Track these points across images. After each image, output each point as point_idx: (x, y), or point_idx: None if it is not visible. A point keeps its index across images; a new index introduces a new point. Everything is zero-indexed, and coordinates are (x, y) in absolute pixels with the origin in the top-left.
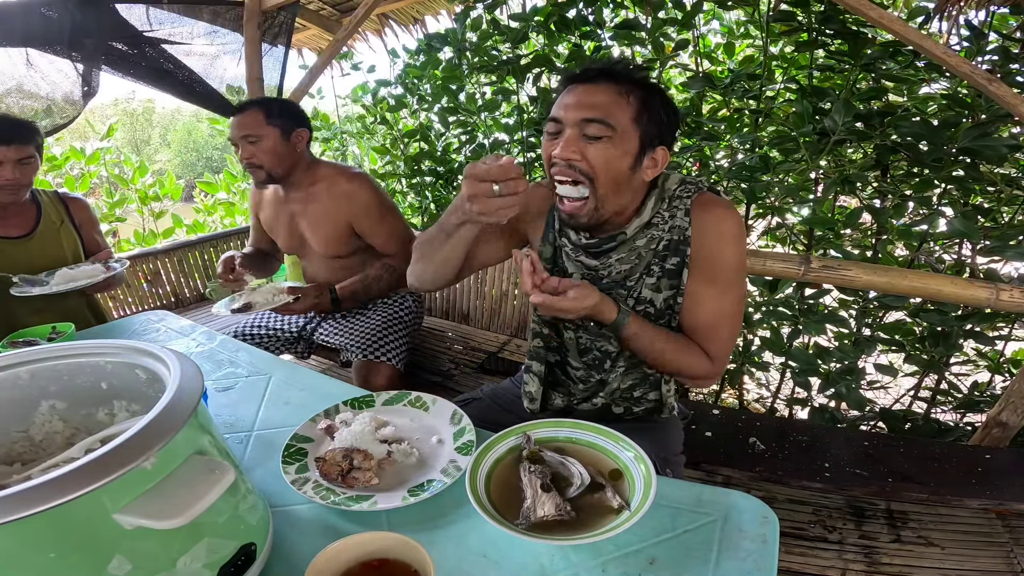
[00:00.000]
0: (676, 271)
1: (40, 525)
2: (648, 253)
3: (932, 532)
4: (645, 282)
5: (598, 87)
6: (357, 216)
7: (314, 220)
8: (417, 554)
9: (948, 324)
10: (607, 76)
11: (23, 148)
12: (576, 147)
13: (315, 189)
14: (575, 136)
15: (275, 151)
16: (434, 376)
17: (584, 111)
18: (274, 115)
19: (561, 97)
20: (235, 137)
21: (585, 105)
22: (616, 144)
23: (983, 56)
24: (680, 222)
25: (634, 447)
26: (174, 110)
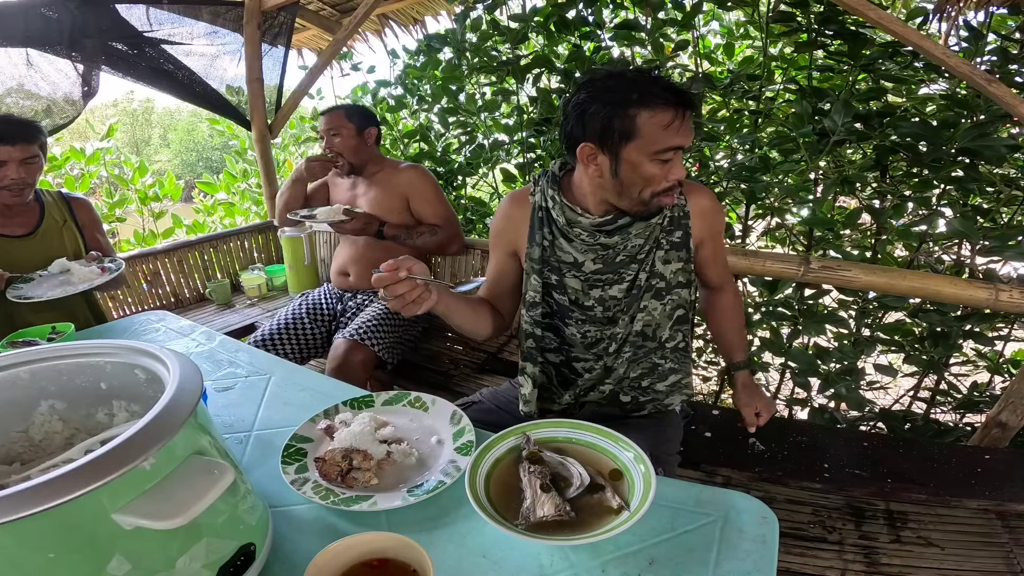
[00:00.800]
0: (681, 243)
1: (39, 525)
2: (656, 228)
3: (932, 532)
4: (656, 255)
5: (689, 112)
6: (414, 193)
7: (374, 198)
8: (416, 554)
9: (947, 324)
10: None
11: (27, 148)
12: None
13: (378, 177)
14: (681, 157)
15: (350, 144)
16: (434, 376)
17: (691, 137)
18: (352, 115)
19: (676, 123)
20: (322, 131)
21: (689, 132)
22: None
23: (982, 57)
24: (678, 200)
25: (634, 447)
26: (174, 110)
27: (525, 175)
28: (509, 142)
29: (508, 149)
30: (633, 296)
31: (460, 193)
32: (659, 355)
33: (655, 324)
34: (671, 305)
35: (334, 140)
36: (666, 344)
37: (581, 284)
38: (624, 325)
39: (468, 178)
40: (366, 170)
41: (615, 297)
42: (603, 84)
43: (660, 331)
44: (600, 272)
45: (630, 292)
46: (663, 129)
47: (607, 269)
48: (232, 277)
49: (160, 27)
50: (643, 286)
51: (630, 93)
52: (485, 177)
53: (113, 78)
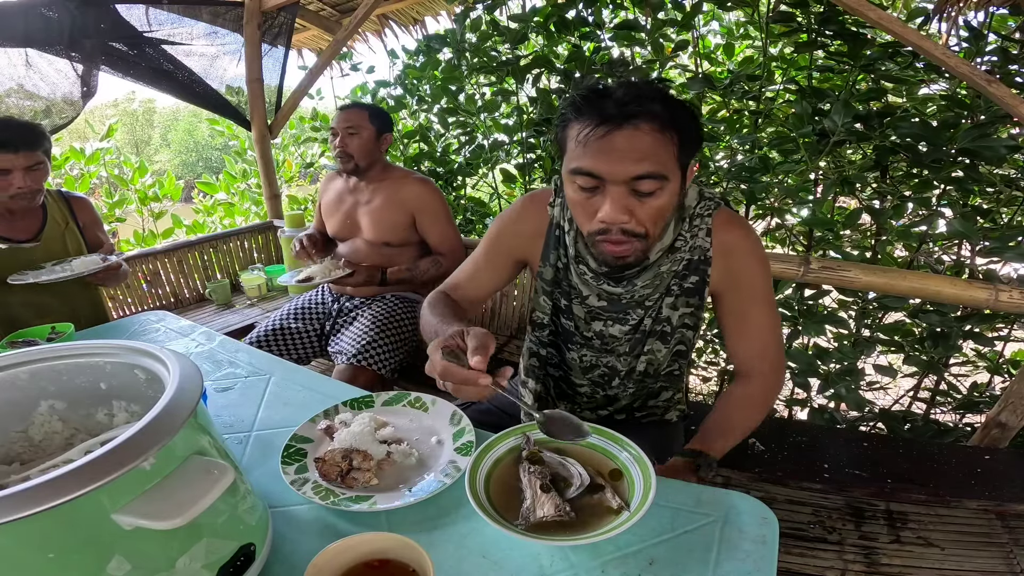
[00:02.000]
0: (695, 289)
1: (39, 525)
2: (670, 275)
3: (932, 533)
4: (665, 301)
5: (640, 130)
6: (421, 210)
7: (376, 209)
8: (416, 555)
9: (947, 325)
10: (646, 113)
11: (31, 155)
12: (626, 208)
13: (384, 184)
14: (623, 195)
15: (366, 146)
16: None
17: (633, 166)
18: (375, 116)
19: (590, 140)
20: (339, 127)
21: (632, 158)
22: (667, 192)
23: (982, 57)
24: (701, 242)
25: (634, 447)
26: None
27: (525, 175)
28: (509, 142)
29: (508, 149)
30: (636, 340)
31: (460, 193)
32: (653, 380)
33: (657, 363)
34: (674, 343)
35: (351, 138)
36: (661, 373)
37: (584, 314)
38: (627, 363)
39: (468, 178)
40: (370, 174)
41: (615, 336)
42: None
43: (662, 367)
44: (604, 309)
45: (632, 335)
46: (575, 143)
47: (611, 308)
48: (232, 277)
49: (160, 27)
50: (648, 331)
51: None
52: (485, 177)
53: (113, 78)
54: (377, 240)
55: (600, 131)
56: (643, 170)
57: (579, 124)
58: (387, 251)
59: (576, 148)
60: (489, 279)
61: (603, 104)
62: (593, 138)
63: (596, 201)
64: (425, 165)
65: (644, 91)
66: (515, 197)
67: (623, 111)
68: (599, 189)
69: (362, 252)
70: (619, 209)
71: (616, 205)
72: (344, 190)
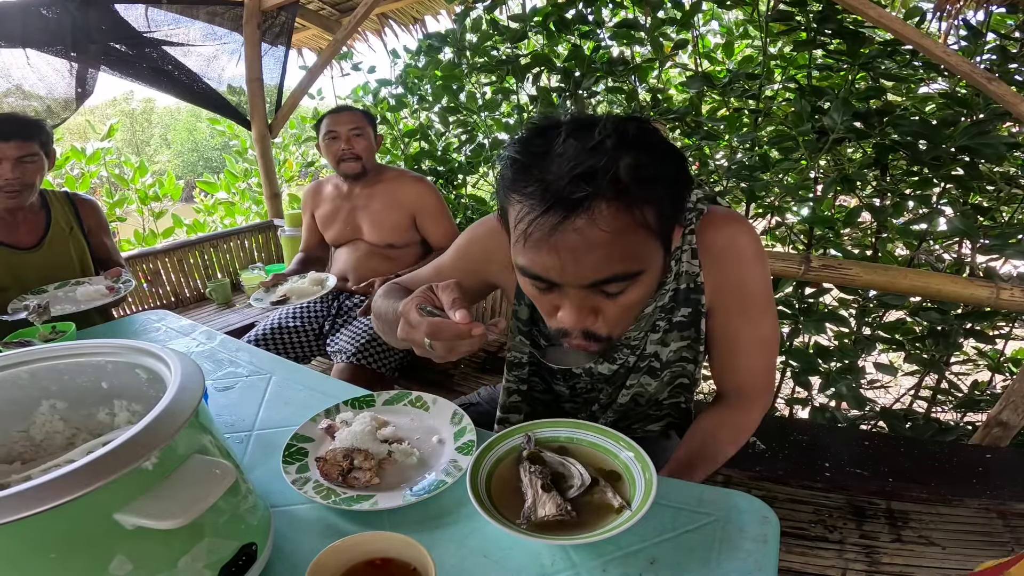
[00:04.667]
0: (688, 322)
1: (41, 525)
2: (654, 312)
3: (933, 532)
4: (650, 338)
5: (597, 219)
6: (421, 210)
7: (377, 211)
8: (418, 554)
9: (948, 323)
10: (604, 192)
11: (24, 145)
12: (589, 311)
13: (380, 187)
14: (583, 297)
15: (371, 146)
16: (434, 375)
17: (590, 271)
18: (367, 117)
19: (531, 235)
20: (341, 130)
21: (589, 262)
22: (642, 284)
23: (981, 56)
24: (687, 267)
25: (634, 447)
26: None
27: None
28: (509, 141)
29: None
30: (620, 375)
31: (460, 192)
32: (654, 409)
33: (648, 396)
34: (670, 377)
35: (357, 140)
36: (664, 403)
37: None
38: (608, 395)
39: (468, 177)
40: (368, 177)
41: (603, 374)
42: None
43: (657, 396)
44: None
45: (618, 372)
46: (515, 231)
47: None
48: (232, 276)
49: (160, 28)
50: (630, 367)
51: (510, 164)
52: (485, 176)
53: (112, 78)
54: (380, 242)
55: (543, 226)
56: (604, 275)
57: (516, 204)
58: (391, 253)
59: (518, 237)
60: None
61: (544, 178)
62: (535, 234)
63: (552, 298)
64: (426, 164)
65: (599, 147)
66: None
67: (570, 194)
68: (554, 287)
69: (365, 256)
70: (580, 315)
71: (576, 312)
72: (338, 196)
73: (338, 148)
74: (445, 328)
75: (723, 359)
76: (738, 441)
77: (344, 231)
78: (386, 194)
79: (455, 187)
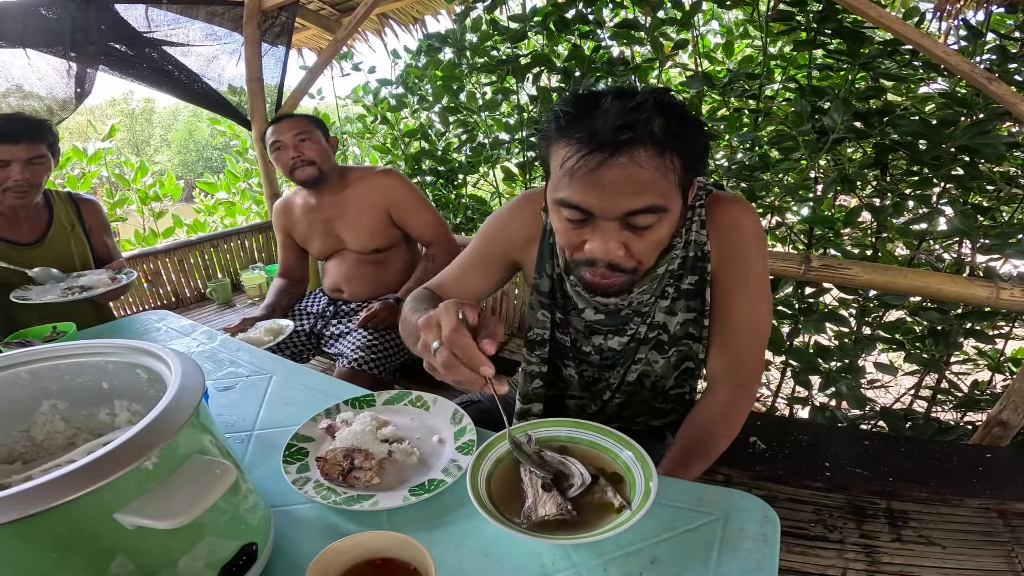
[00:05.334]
0: (694, 291)
1: (41, 525)
2: (665, 275)
3: (933, 531)
4: (659, 305)
5: (634, 160)
6: (395, 205)
7: (352, 218)
8: (418, 553)
9: (948, 323)
10: (644, 138)
11: (33, 147)
12: (619, 243)
13: (349, 192)
14: (616, 229)
15: (323, 148)
16: None
17: (628, 201)
18: (315, 122)
19: (578, 170)
20: (285, 138)
21: (627, 192)
22: (665, 222)
23: (980, 56)
24: (696, 236)
25: (634, 446)
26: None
27: (526, 174)
28: (509, 141)
29: (509, 148)
30: (631, 349)
31: (461, 192)
32: (660, 400)
33: (655, 376)
34: (676, 357)
35: (305, 144)
36: (669, 392)
37: (583, 327)
38: (618, 374)
39: (469, 177)
40: (329, 184)
41: (613, 349)
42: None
43: (663, 381)
44: (602, 323)
45: (628, 345)
46: (560, 170)
47: (608, 321)
48: (233, 276)
49: (160, 28)
50: (641, 338)
51: (560, 116)
52: (486, 176)
53: (112, 78)
54: (364, 249)
55: (589, 162)
56: (640, 205)
57: (564, 148)
58: (378, 258)
59: (563, 176)
60: (479, 282)
61: (592, 126)
62: (581, 170)
63: (583, 232)
64: (426, 163)
65: (640, 107)
66: (516, 195)
67: (616, 137)
68: (588, 222)
69: (355, 265)
70: (611, 246)
71: (607, 241)
72: (309, 211)
73: (287, 157)
74: (466, 347)
75: (719, 332)
76: (730, 433)
77: (326, 244)
78: (356, 198)
79: (455, 187)
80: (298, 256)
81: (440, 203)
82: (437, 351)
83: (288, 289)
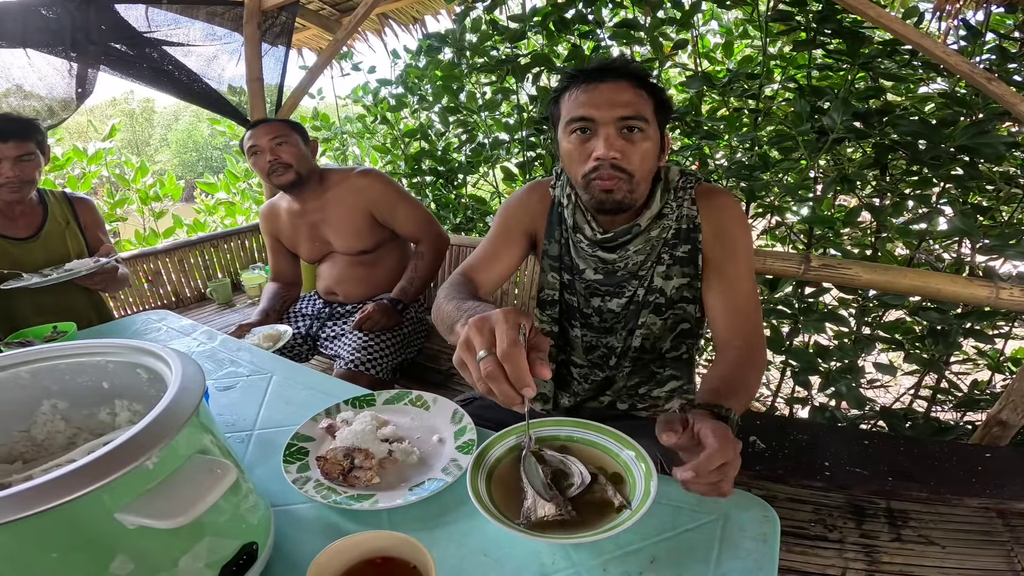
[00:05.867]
0: (688, 258)
1: (42, 525)
2: (659, 242)
3: (932, 531)
4: (656, 270)
5: (620, 84)
6: (376, 205)
7: (336, 221)
8: (418, 553)
9: (947, 322)
10: (625, 73)
11: (22, 144)
12: (616, 145)
13: (330, 194)
14: (613, 134)
15: (301, 151)
16: (435, 375)
17: (620, 108)
18: (292, 125)
19: (581, 95)
20: (262, 142)
21: (619, 103)
22: (648, 137)
23: (979, 56)
24: (687, 211)
25: (635, 446)
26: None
27: (525, 174)
28: (509, 141)
29: (508, 148)
30: (631, 312)
31: (461, 192)
32: (658, 364)
33: (654, 337)
34: (672, 320)
35: (282, 148)
36: (666, 355)
37: (583, 289)
38: (622, 339)
39: (469, 177)
40: (311, 188)
41: (612, 311)
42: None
43: (660, 343)
44: (600, 283)
45: (628, 307)
46: (569, 102)
47: (607, 281)
48: (233, 276)
49: (160, 28)
50: (641, 302)
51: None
52: (485, 176)
53: (112, 78)
54: (351, 251)
55: (588, 87)
56: (629, 112)
57: (570, 90)
58: (368, 258)
59: (571, 104)
60: (506, 255)
61: (591, 70)
62: (584, 91)
63: (589, 145)
64: (426, 163)
65: (620, 61)
66: None
67: (606, 70)
68: (591, 133)
69: (346, 267)
70: (610, 145)
71: (607, 142)
72: (293, 216)
73: (264, 162)
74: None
75: (727, 300)
76: (759, 376)
77: (314, 249)
78: (337, 200)
79: (455, 187)
80: (288, 260)
81: (440, 203)
82: (483, 360)
83: (281, 293)
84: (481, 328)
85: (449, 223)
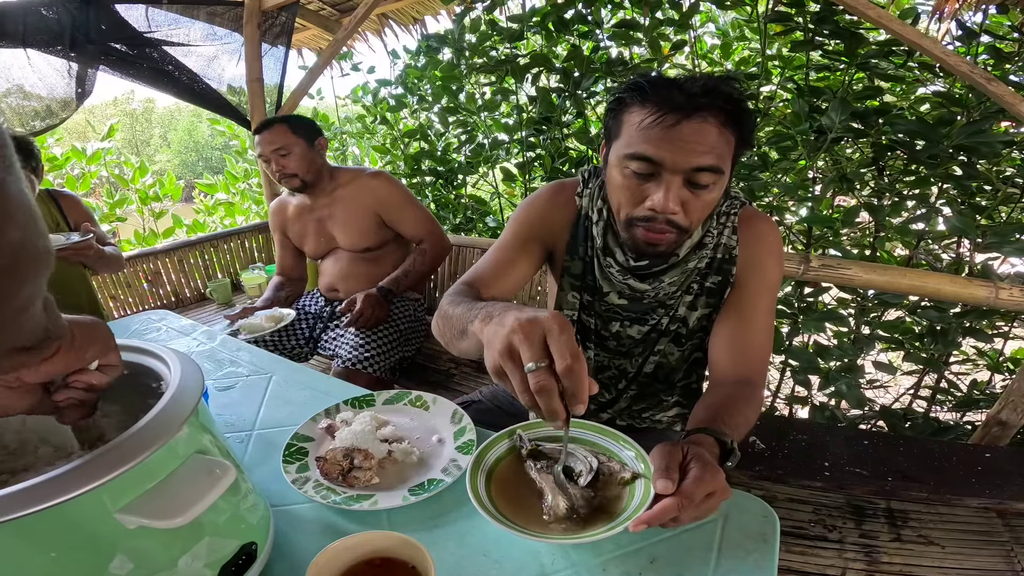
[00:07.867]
0: (717, 290)
1: (41, 524)
2: (693, 272)
3: (932, 531)
4: (683, 300)
5: (707, 124)
6: (385, 206)
7: (343, 218)
8: (418, 553)
9: (947, 322)
10: (713, 107)
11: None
12: (680, 198)
13: (340, 192)
14: (679, 185)
15: (305, 158)
16: (435, 375)
17: (696, 157)
18: (297, 127)
19: (654, 128)
20: (266, 153)
21: (697, 150)
22: (719, 187)
23: (976, 56)
24: (727, 240)
25: (634, 446)
26: (174, 110)
27: (525, 174)
28: (509, 141)
29: (508, 148)
30: (651, 339)
31: (460, 192)
32: (667, 392)
33: (669, 368)
34: (690, 349)
35: (285, 159)
36: (677, 383)
37: (603, 311)
38: (636, 364)
39: (468, 177)
40: (320, 186)
41: (632, 337)
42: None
43: (674, 375)
44: (624, 308)
45: (649, 335)
46: (636, 128)
47: (632, 308)
48: (233, 276)
49: (160, 28)
50: (663, 330)
51: (641, 85)
52: (485, 176)
53: (112, 78)
54: (355, 248)
55: (668, 119)
56: (706, 162)
57: (643, 110)
58: (371, 256)
59: (636, 133)
60: (519, 267)
61: (671, 93)
62: (660, 126)
63: (647, 188)
64: (425, 164)
65: (714, 86)
66: (515, 196)
67: (692, 102)
68: (654, 177)
69: (349, 264)
70: (674, 199)
71: (672, 194)
72: (303, 211)
73: (271, 170)
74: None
75: (736, 334)
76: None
77: (319, 244)
78: (347, 199)
79: (455, 187)
80: (295, 255)
81: (440, 203)
82: (534, 372)
83: (286, 284)
84: (530, 335)
85: (449, 223)
